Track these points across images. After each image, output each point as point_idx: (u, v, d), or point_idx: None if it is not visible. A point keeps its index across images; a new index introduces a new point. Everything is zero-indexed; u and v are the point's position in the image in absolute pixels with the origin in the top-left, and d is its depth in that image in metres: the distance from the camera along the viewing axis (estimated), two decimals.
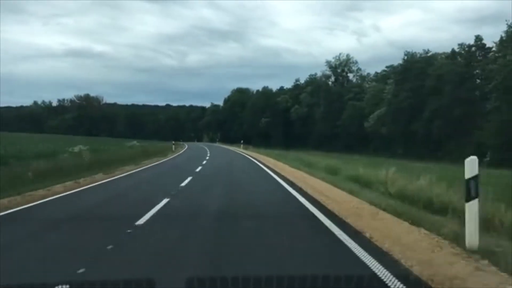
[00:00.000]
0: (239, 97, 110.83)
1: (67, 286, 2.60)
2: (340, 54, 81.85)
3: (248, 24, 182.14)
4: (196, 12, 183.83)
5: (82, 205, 9.13)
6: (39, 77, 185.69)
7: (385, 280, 3.86)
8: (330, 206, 8.46)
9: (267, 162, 25.38)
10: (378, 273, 4.08)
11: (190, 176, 14.98)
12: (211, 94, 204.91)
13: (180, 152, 40.61)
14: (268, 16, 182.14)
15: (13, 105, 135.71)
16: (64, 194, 10.51)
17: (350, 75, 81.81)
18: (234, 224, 7.04)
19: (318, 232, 6.42)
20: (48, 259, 4.93)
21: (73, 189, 11.40)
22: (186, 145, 61.98)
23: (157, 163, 24.28)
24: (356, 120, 65.69)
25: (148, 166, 21.74)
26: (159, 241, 5.81)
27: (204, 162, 24.63)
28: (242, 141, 56.29)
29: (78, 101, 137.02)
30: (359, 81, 78.49)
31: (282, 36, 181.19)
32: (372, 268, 4.33)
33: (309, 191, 10.91)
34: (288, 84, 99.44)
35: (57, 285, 2.55)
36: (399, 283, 3.72)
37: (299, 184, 12.74)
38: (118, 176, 15.45)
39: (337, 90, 77.75)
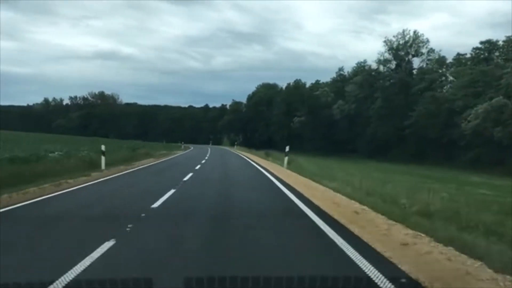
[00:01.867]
0: (265, 93, 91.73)
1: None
2: (404, 31, 60.63)
3: (273, 26, 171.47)
4: (222, 14, 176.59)
5: None
6: (64, 78, 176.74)
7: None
8: None
9: None
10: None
11: None
12: (235, 97, 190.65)
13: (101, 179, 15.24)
14: (293, 18, 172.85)
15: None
16: None
17: (416, 61, 60.33)
18: None
19: None
20: None
21: None
22: (179, 152, 43.01)
23: None
24: (439, 117, 44.82)
25: None
26: None
27: None
28: (287, 148, 23.01)
29: (92, 99, 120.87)
30: (432, 66, 56.97)
31: (307, 39, 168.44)
32: None
33: None
34: None
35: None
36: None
37: None
38: None
39: (401, 78, 56.70)
